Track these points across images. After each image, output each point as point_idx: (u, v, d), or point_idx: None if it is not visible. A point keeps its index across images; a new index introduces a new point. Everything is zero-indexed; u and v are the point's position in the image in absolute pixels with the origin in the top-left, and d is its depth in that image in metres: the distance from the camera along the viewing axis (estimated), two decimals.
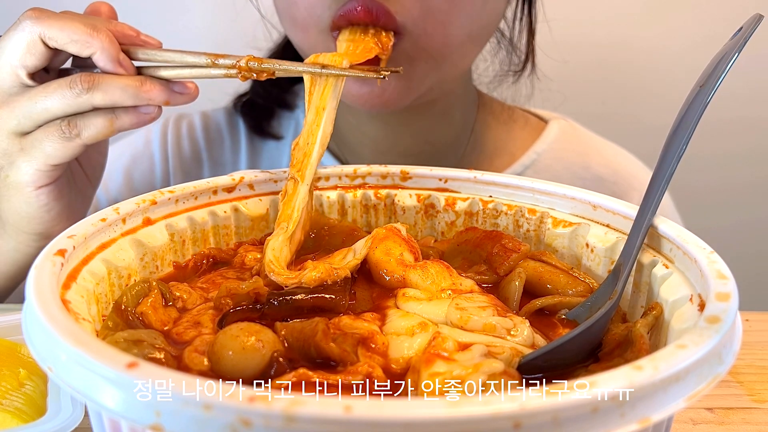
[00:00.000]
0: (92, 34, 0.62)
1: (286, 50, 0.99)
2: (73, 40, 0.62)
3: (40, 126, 0.64)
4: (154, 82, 0.64)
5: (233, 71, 0.62)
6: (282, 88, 1.05)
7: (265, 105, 1.04)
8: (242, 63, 0.61)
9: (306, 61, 0.62)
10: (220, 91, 1.03)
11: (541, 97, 1.04)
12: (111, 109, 0.64)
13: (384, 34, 0.70)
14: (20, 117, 0.63)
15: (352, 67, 0.61)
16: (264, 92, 1.03)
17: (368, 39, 0.70)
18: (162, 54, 0.64)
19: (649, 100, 1.52)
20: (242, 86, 1.06)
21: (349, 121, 0.95)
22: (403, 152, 0.94)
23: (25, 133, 0.65)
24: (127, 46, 0.65)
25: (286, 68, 0.61)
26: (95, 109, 0.64)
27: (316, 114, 0.59)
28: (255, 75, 0.61)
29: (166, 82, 0.64)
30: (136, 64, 0.66)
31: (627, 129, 1.29)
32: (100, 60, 0.62)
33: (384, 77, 0.61)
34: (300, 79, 1.01)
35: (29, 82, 0.64)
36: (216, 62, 0.62)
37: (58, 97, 0.62)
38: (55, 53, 0.64)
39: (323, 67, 0.60)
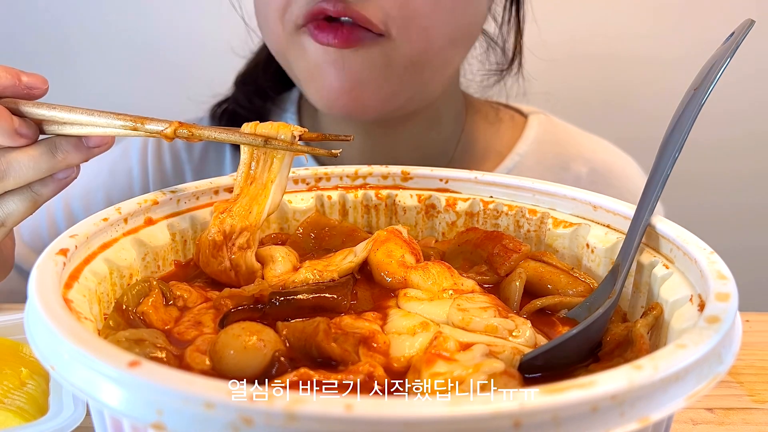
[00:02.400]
0: None
1: (270, 60, 0.96)
2: None
3: None
4: (67, 145, 0.55)
5: (158, 135, 0.53)
6: (265, 98, 1.00)
7: (247, 116, 0.98)
8: (169, 131, 0.52)
9: (245, 129, 0.54)
10: (202, 92, 1.01)
11: (534, 99, 1.04)
12: (26, 187, 0.57)
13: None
14: None
15: (302, 138, 0.53)
16: (246, 100, 0.98)
17: None
18: (66, 115, 0.54)
19: (646, 101, 1.52)
20: (221, 90, 1.02)
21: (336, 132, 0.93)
22: (392, 161, 0.92)
23: None
24: (12, 98, 0.55)
25: (219, 136, 0.52)
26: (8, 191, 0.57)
27: (264, 187, 0.53)
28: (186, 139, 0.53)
29: (78, 139, 0.55)
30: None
31: (625, 129, 1.30)
32: None
33: (336, 155, 0.53)
34: (289, 86, 1.00)
35: None
36: (137, 127, 0.53)
37: None
38: None
39: (266, 140, 0.51)
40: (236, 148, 0.97)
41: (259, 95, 1.00)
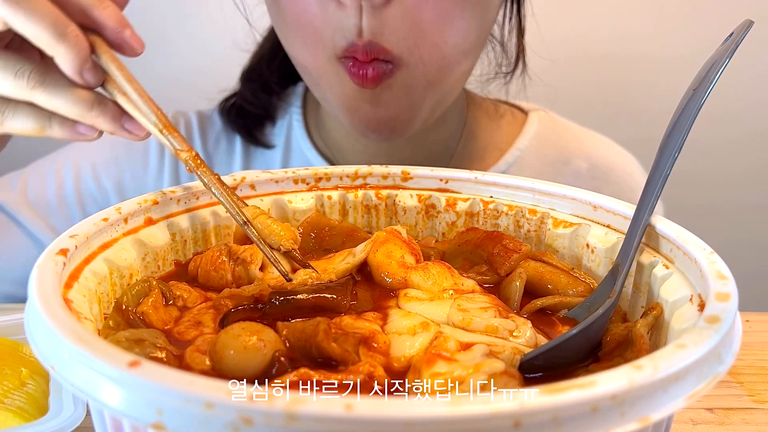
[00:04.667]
0: (58, 39, 0.51)
1: (273, 53, 0.97)
2: (35, 36, 0.51)
3: None
4: (106, 109, 0.54)
5: (171, 149, 0.55)
6: (271, 92, 1.01)
7: (254, 112, 1.00)
8: (183, 155, 0.54)
9: (250, 207, 0.56)
10: (215, 87, 1.01)
11: (534, 98, 1.04)
12: (47, 113, 0.55)
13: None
14: None
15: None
16: (252, 96, 0.99)
17: None
18: (125, 84, 0.54)
19: (646, 102, 1.52)
20: (230, 84, 1.02)
21: (343, 129, 0.94)
22: (398, 158, 0.93)
23: None
24: (101, 42, 0.54)
25: (214, 191, 0.54)
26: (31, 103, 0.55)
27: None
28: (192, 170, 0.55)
29: (120, 112, 0.55)
30: None
31: (625, 129, 1.30)
32: (61, 66, 0.53)
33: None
34: (293, 80, 1.01)
35: None
36: (163, 131, 0.54)
37: None
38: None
39: (246, 222, 0.54)
40: (247, 141, 1.00)
41: (264, 90, 1.00)
